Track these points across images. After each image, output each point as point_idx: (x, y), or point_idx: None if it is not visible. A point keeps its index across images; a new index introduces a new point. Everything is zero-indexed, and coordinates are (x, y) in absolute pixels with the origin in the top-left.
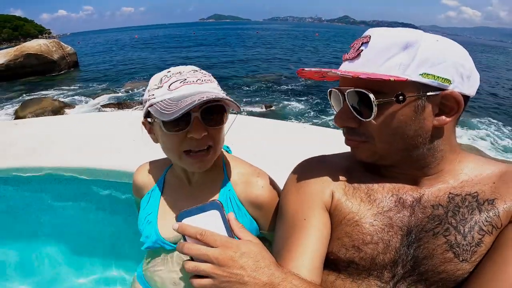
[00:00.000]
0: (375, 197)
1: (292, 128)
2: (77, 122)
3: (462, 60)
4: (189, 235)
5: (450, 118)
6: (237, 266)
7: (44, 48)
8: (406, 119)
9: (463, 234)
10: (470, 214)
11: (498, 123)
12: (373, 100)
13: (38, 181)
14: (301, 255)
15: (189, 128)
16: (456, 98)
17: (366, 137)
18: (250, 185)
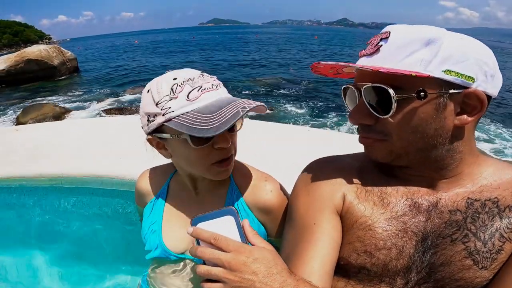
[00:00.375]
0: (389, 200)
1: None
2: (78, 127)
3: (486, 58)
4: (203, 239)
5: (472, 118)
6: (249, 272)
7: (45, 53)
8: (427, 117)
9: (483, 241)
10: (491, 221)
11: (498, 124)
12: (393, 95)
13: (38, 188)
14: (311, 260)
15: (216, 138)
16: (480, 97)
17: (384, 135)
18: (258, 190)
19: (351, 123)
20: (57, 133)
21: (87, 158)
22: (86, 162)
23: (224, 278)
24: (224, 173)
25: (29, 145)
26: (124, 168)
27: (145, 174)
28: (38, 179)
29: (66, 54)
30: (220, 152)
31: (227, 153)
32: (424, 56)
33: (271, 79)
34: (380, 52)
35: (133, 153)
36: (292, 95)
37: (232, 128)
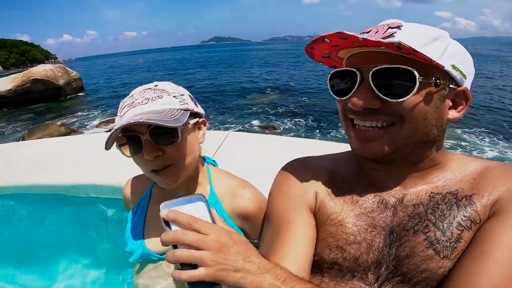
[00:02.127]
0: (358, 198)
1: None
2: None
3: (471, 62)
4: (180, 221)
5: (460, 114)
6: (231, 252)
7: (50, 73)
8: (434, 105)
9: (442, 230)
10: (449, 210)
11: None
12: (418, 77)
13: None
14: (285, 256)
15: (143, 151)
16: (467, 95)
17: (395, 118)
18: (236, 197)
19: (354, 108)
20: (56, 147)
21: (84, 169)
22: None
23: (209, 260)
24: (164, 182)
25: (29, 158)
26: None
27: (130, 180)
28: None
29: (71, 74)
30: (152, 162)
31: (157, 164)
32: (437, 48)
33: (273, 96)
34: (395, 38)
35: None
36: (293, 111)
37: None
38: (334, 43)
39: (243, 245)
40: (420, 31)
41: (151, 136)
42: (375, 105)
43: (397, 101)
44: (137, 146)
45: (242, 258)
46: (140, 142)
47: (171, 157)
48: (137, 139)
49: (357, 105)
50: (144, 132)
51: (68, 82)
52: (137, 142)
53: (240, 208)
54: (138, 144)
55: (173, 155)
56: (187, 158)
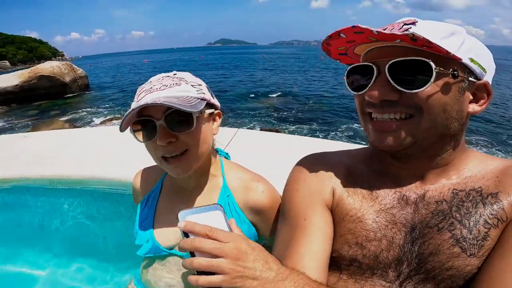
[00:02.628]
0: (378, 194)
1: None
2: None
3: (490, 57)
4: (197, 232)
5: (481, 107)
6: (250, 260)
7: (57, 70)
8: (453, 97)
9: (468, 228)
10: (474, 208)
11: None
12: (434, 68)
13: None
14: (302, 256)
15: (157, 136)
16: (488, 88)
17: (414, 110)
18: (249, 191)
19: (371, 100)
20: (62, 140)
21: (88, 162)
22: (87, 165)
23: (227, 268)
24: (175, 170)
25: (34, 150)
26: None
27: (140, 173)
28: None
29: (78, 72)
30: (164, 148)
31: (170, 151)
32: (454, 42)
33: (278, 99)
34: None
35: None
36: (296, 115)
37: (178, 127)
38: (349, 38)
39: (262, 252)
40: (436, 27)
41: (166, 121)
42: (392, 97)
43: (414, 92)
44: (150, 131)
45: (260, 265)
46: (154, 127)
47: (184, 144)
48: (151, 124)
49: (374, 96)
50: (159, 117)
51: (74, 79)
52: (151, 127)
53: (253, 202)
54: (152, 129)
55: (186, 142)
56: (200, 147)
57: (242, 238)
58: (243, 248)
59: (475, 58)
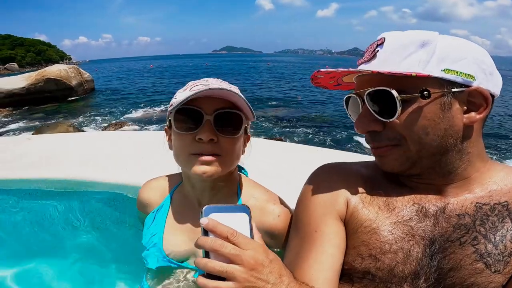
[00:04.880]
0: (395, 205)
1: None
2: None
3: (481, 56)
4: (219, 233)
5: (480, 116)
6: (265, 272)
7: (64, 73)
8: (434, 117)
9: (494, 243)
10: (501, 223)
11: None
12: (396, 96)
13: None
14: (311, 268)
15: (199, 129)
16: (483, 94)
17: (397, 140)
18: (265, 213)
19: (358, 132)
20: (67, 143)
21: (94, 166)
22: (92, 169)
23: (240, 277)
24: (202, 168)
25: (38, 152)
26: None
27: (149, 184)
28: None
29: (84, 75)
30: (201, 145)
31: (207, 150)
32: (421, 57)
33: (279, 108)
34: (377, 58)
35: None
36: (300, 125)
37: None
38: (329, 76)
39: (278, 265)
40: (402, 42)
41: (215, 119)
42: (376, 127)
43: (389, 121)
44: (193, 123)
45: (274, 278)
46: (200, 121)
47: (221, 148)
48: (197, 116)
49: (358, 129)
50: (209, 112)
51: (80, 83)
52: (195, 120)
53: (269, 226)
54: (195, 122)
55: (224, 148)
56: (233, 158)
57: (263, 248)
58: (261, 259)
59: (451, 66)
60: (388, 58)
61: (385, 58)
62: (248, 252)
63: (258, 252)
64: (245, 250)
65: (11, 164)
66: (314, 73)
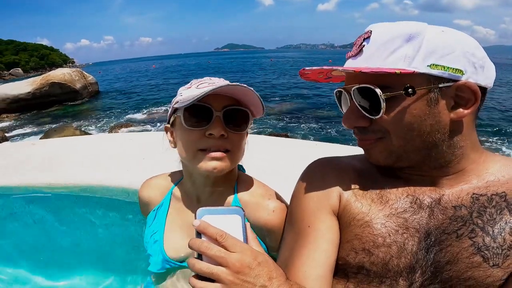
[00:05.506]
0: (388, 197)
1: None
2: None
3: (472, 49)
4: (209, 235)
5: (468, 110)
6: (252, 275)
7: (68, 77)
8: (420, 113)
9: (492, 236)
10: (499, 214)
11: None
12: (380, 94)
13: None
14: (304, 265)
15: (209, 125)
16: (472, 88)
17: (381, 133)
18: (260, 208)
19: (346, 127)
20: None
21: (96, 169)
22: (95, 172)
23: (226, 279)
24: (212, 163)
25: (43, 157)
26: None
27: (148, 183)
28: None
29: (88, 78)
30: (210, 140)
31: (217, 145)
32: (407, 52)
33: (286, 103)
34: (363, 53)
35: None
36: (305, 120)
37: (232, 124)
38: (317, 71)
39: (267, 268)
40: (389, 35)
41: (225, 115)
42: (363, 123)
43: (375, 118)
44: (202, 119)
45: (262, 281)
46: (209, 117)
47: (230, 144)
48: (207, 113)
49: (345, 125)
50: (218, 108)
51: (85, 86)
52: (205, 116)
53: (264, 221)
54: (205, 118)
55: (234, 142)
56: (240, 154)
57: (250, 251)
58: (247, 262)
59: (438, 61)
60: (373, 53)
61: (371, 54)
62: (234, 254)
63: (245, 255)
64: (232, 253)
65: (16, 169)
66: (300, 70)
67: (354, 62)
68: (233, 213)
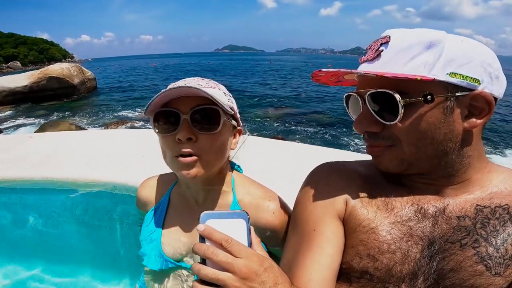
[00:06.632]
0: (393, 205)
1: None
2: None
3: (489, 59)
4: (214, 240)
5: (482, 120)
6: (258, 281)
7: (66, 72)
8: (435, 121)
9: (495, 246)
10: (502, 226)
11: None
12: (399, 100)
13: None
14: (309, 268)
15: (177, 130)
16: (487, 99)
17: (392, 141)
18: (260, 210)
19: (357, 131)
20: (67, 142)
21: (94, 165)
22: (93, 168)
23: (232, 285)
24: (184, 169)
25: (40, 151)
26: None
27: (147, 182)
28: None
29: (86, 74)
30: (180, 146)
31: (185, 149)
32: (427, 59)
33: (284, 107)
34: (381, 58)
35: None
36: (302, 123)
37: (201, 126)
38: (330, 74)
39: (273, 273)
40: (409, 42)
41: (192, 117)
42: (375, 129)
43: (390, 123)
44: (172, 124)
45: (269, 286)
46: (178, 121)
47: (200, 147)
48: (175, 117)
49: (356, 129)
50: (185, 111)
51: (83, 81)
52: (173, 121)
53: (264, 222)
54: (174, 123)
55: (204, 146)
56: (216, 156)
57: (257, 256)
58: (254, 268)
59: (457, 70)
60: (392, 58)
61: (389, 59)
62: (241, 260)
63: (252, 261)
64: (238, 258)
65: (12, 163)
66: (315, 71)
67: (371, 66)
68: (238, 217)
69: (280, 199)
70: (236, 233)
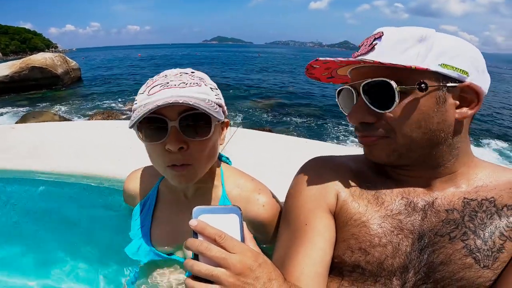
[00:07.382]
0: (384, 199)
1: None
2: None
3: (475, 54)
4: (207, 235)
5: (472, 111)
6: (252, 277)
7: (49, 61)
8: (428, 110)
9: (483, 239)
10: (489, 219)
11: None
12: (395, 87)
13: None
14: (301, 262)
15: (166, 138)
16: (476, 89)
17: (386, 132)
18: (250, 203)
19: (351, 123)
20: (53, 133)
21: (81, 157)
22: (80, 160)
23: (226, 281)
24: (177, 178)
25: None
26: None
27: (134, 175)
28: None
29: (71, 64)
30: (172, 155)
31: (177, 159)
32: (420, 50)
33: (271, 99)
34: (375, 50)
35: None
36: (289, 115)
37: (191, 132)
38: (325, 67)
39: (267, 269)
40: (401, 36)
41: (180, 124)
42: (369, 119)
43: (385, 112)
44: (158, 132)
45: (262, 283)
46: (165, 128)
47: (192, 155)
48: (162, 124)
49: (351, 120)
50: (173, 118)
51: (67, 71)
52: (160, 128)
53: (253, 215)
54: (161, 130)
55: (196, 153)
56: (209, 159)
57: (250, 252)
58: (248, 263)
59: (448, 61)
60: (386, 50)
61: (384, 51)
62: (235, 255)
63: (246, 256)
64: (232, 254)
65: None
66: (311, 62)
67: (368, 57)
68: (230, 212)
69: (271, 193)
70: (229, 228)
